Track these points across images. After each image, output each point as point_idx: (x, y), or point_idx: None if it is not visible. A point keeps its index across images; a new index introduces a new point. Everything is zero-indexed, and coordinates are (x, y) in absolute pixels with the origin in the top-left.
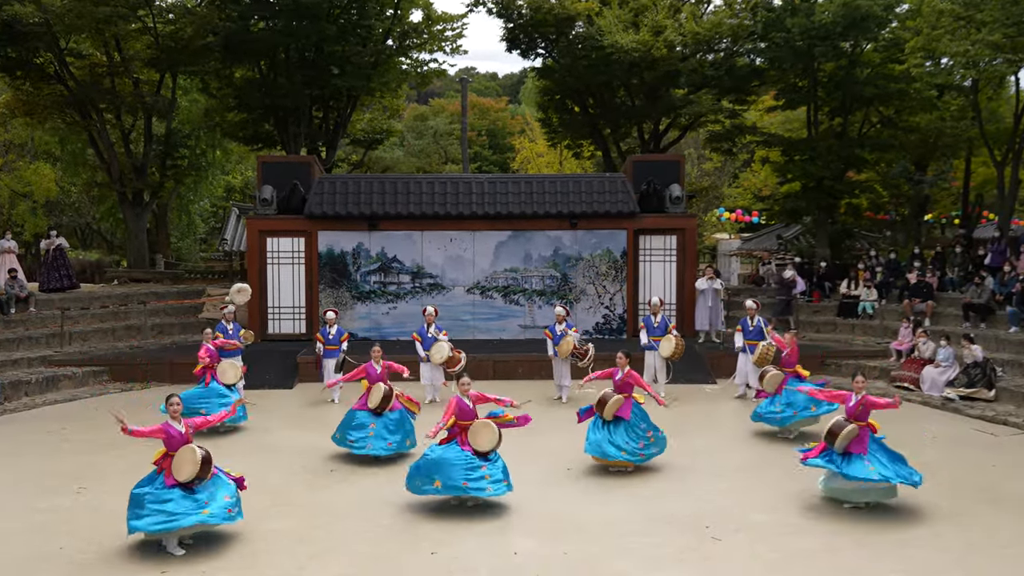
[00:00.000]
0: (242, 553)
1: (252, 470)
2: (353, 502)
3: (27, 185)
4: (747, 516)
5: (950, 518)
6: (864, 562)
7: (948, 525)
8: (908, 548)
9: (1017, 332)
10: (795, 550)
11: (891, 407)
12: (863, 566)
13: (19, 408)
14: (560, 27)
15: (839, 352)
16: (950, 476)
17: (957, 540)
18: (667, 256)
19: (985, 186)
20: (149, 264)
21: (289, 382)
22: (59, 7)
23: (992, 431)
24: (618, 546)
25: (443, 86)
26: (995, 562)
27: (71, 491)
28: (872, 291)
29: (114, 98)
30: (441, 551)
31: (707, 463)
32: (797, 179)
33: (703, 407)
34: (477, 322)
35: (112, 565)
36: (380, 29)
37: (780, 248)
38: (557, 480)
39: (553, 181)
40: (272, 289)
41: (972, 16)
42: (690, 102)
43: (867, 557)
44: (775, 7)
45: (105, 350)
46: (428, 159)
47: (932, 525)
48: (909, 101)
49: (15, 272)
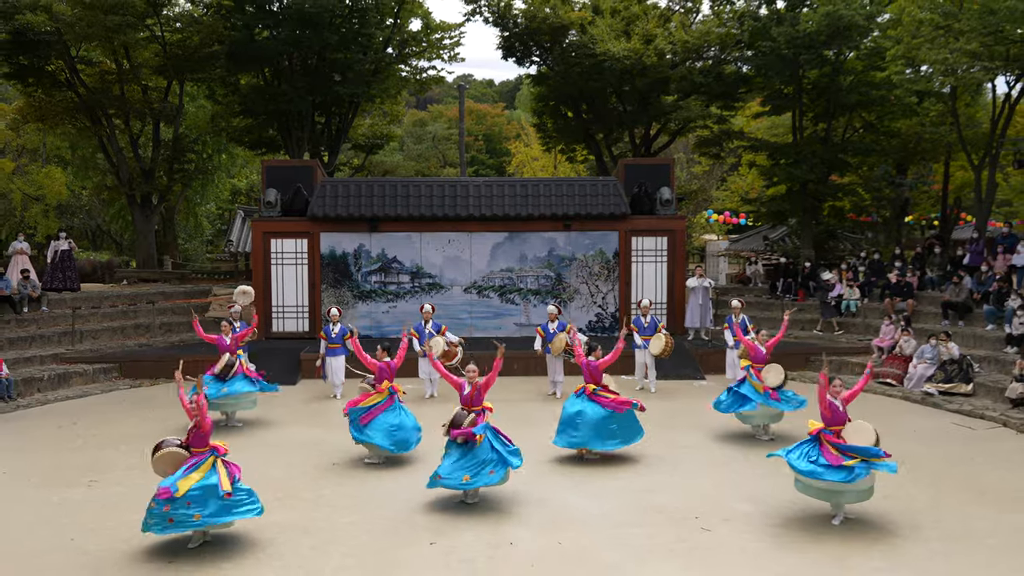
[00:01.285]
0: (246, 544)
1: (256, 464)
2: (354, 495)
3: (39, 188)
4: (735, 507)
5: (931, 510)
6: (849, 552)
7: (930, 517)
8: (891, 539)
9: (994, 329)
10: (782, 540)
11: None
12: (847, 556)
13: (32, 404)
14: (554, 36)
15: (823, 349)
16: (931, 469)
17: (938, 532)
18: (658, 256)
19: (963, 189)
20: (157, 265)
21: (293, 378)
22: (70, 16)
23: (970, 425)
24: (611, 537)
25: (441, 92)
26: (976, 554)
27: (83, 484)
28: (855, 290)
29: (123, 104)
30: (439, 542)
31: (696, 456)
32: (783, 182)
33: (693, 402)
34: (474, 320)
35: (122, 555)
36: (380, 38)
37: (766, 248)
38: (551, 473)
39: (548, 184)
40: (276, 289)
41: (950, 25)
42: (680, 108)
43: (851, 548)
44: (761, 17)
45: (115, 348)
46: (427, 163)
47: (914, 517)
48: (890, 107)
49: (27, 272)
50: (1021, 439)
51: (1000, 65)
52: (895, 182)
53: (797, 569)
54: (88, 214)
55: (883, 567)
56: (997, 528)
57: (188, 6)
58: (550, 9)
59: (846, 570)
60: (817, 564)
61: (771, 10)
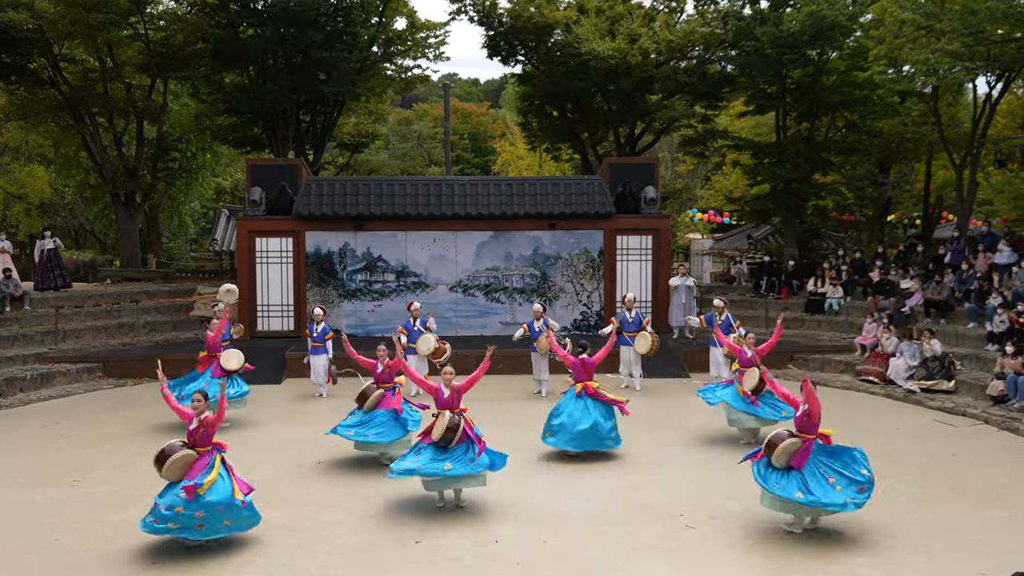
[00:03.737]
0: (231, 542)
1: (242, 462)
2: (340, 493)
3: (22, 187)
4: (720, 505)
5: (914, 506)
6: (832, 548)
7: (912, 512)
8: (874, 534)
9: (975, 327)
10: (765, 537)
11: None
12: (831, 552)
13: (14, 404)
14: (539, 35)
15: (806, 347)
16: (914, 465)
17: (921, 527)
18: (642, 255)
19: (945, 188)
20: (141, 264)
21: (278, 377)
22: (53, 14)
23: (952, 422)
24: (596, 535)
25: (426, 91)
26: (958, 549)
27: (66, 484)
28: (838, 289)
29: (106, 102)
30: (425, 540)
31: (682, 454)
32: (766, 181)
33: (678, 401)
34: (460, 319)
35: (105, 555)
36: (365, 36)
37: (750, 247)
38: (537, 471)
39: (533, 183)
40: (261, 288)
41: (932, 26)
42: (664, 107)
43: (835, 544)
44: (745, 17)
45: (98, 347)
46: (412, 162)
47: (897, 512)
48: (873, 107)
49: (9, 271)
50: (1002, 436)
51: (981, 65)
52: (877, 181)
53: (781, 565)
54: (71, 213)
55: (866, 563)
56: (979, 524)
57: (172, 4)
58: (535, 8)
59: (829, 565)
60: (801, 560)
61: (755, 10)
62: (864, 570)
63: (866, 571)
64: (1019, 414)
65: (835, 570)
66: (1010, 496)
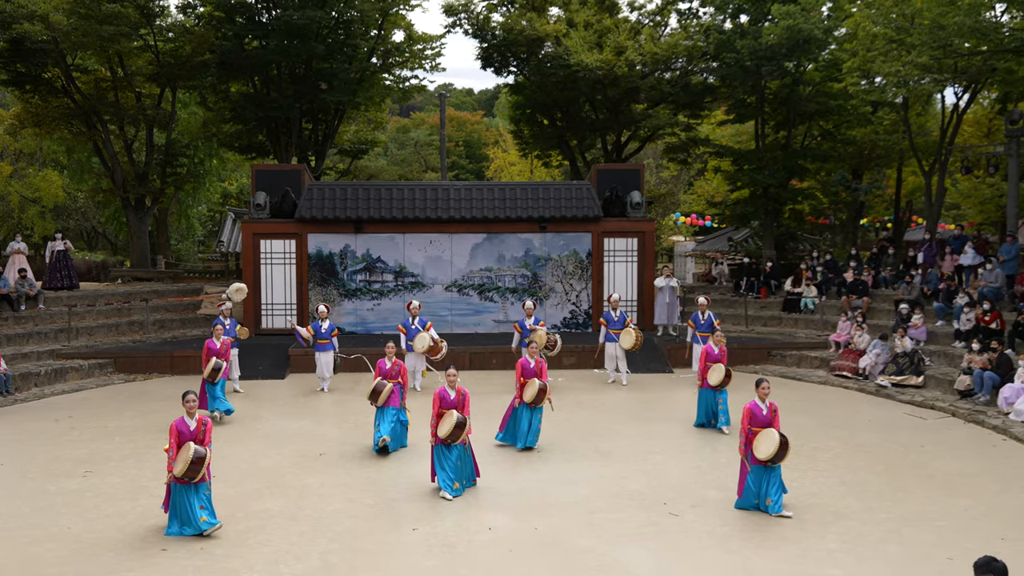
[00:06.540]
0: (236, 531)
1: (246, 454)
2: (340, 484)
3: (36, 191)
4: (703, 494)
5: (885, 494)
6: (807, 535)
7: (883, 501)
8: (847, 521)
9: (943, 325)
10: (745, 524)
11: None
12: (806, 538)
13: (29, 398)
14: (530, 47)
15: (783, 344)
16: (884, 456)
17: (891, 514)
18: (628, 257)
19: (914, 193)
20: (151, 264)
21: (281, 373)
22: (66, 26)
23: (921, 415)
24: (585, 522)
25: (423, 100)
26: (927, 534)
27: (78, 475)
28: (813, 288)
29: (118, 110)
30: (421, 528)
31: (667, 446)
32: (746, 187)
33: (663, 394)
34: (455, 317)
35: (116, 544)
36: (365, 48)
37: (731, 249)
38: (528, 462)
39: (524, 188)
40: (265, 287)
41: (903, 40)
42: (649, 116)
43: (810, 531)
44: (726, 30)
45: (110, 344)
46: (409, 167)
47: (868, 501)
48: (846, 116)
49: (24, 272)
50: (968, 428)
51: (949, 77)
52: (851, 187)
53: (760, 551)
54: (83, 216)
55: (839, 548)
56: (946, 511)
57: (180, 17)
58: (526, 22)
59: (805, 551)
60: (778, 546)
61: (735, 24)
62: (838, 555)
63: (840, 556)
64: (984, 407)
65: (810, 555)
66: (975, 484)
